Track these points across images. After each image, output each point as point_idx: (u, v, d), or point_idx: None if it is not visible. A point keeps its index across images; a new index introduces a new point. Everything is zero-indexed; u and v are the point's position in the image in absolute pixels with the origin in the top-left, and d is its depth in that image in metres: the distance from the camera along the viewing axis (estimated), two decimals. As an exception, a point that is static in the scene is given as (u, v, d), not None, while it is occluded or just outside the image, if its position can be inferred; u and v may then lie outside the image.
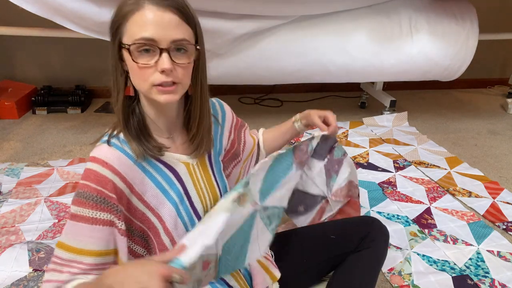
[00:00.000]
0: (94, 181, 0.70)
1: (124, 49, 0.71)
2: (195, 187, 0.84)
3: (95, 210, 0.70)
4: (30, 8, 1.64)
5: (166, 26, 0.69)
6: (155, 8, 0.69)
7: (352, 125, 2.46)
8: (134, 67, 0.71)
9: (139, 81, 0.73)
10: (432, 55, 2.15)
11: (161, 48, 0.69)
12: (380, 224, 0.99)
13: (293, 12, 1.96)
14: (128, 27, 0.70)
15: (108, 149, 0.74)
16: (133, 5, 0.69)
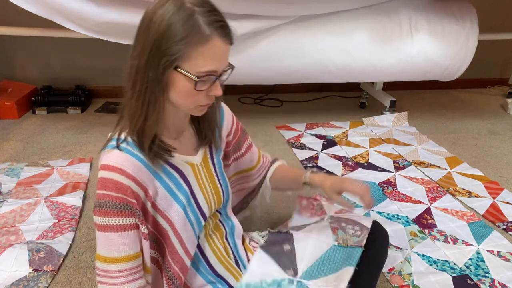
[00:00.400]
0: (114, 190, 0.71)
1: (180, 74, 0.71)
2: (201, 188, 0.86)
3: (121, 217, 0.73)
4: (30, 8, 1.64)
5: (224, 59, 0.74)
6: (222, 41, 0.70)
7: (352, 125, 2.46)
8: (187, 92, 0.73)
9: (186, 102, 0.75)
10: (432, 55, 2.15)
11: (216, 76, 0.73)
12: (380, 226, 0.99)
13: (293, 12, 1.96)
14: (193, 56, 0.69)
15: (120, 155, 0.74)
16: (201, 37, 0.68)
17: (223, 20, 0.71)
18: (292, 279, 0.89)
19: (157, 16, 0.69)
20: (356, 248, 0.92)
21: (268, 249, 0.99)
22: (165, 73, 0.71)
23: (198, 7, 0.69)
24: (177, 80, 0.72)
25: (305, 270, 0.92)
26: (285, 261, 0.95)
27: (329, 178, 0.96)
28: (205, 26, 0.68)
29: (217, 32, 0.69)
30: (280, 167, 1.11)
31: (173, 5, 0.68)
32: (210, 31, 0.68)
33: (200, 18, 0.68)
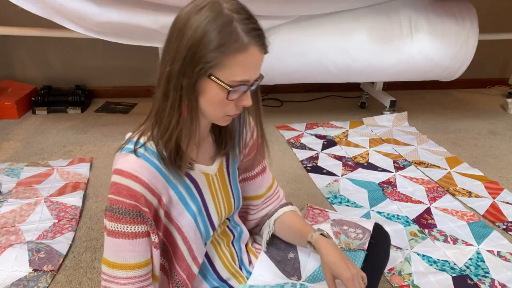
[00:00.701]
0: (127, 196, 0.70)
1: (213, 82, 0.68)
2: (213, 199, 0.85)
3: (133, 225, 0.72)
4: (30, 8, 1.64)
5: (259, 67, 0.71)
6: (259, 51, 0.68)
7: (352, 125, 2.46)
8: (218, 100, 0.70)
9: (215, 111, 0.73)
10: (432, 55, 2.15)
11: (248, 86, 0.70)
12: (382, 228, 0.99)
13: (293, 12, 1.96)
14: (228, 65, 0.66)
15: (137, 161, 0.71)
16: (239, 45, 0.66)
17: (261, 29, 0.69)
18: (295, 282, 0.89)
19: (192, 22, 0.66)
20: (359, 251, 0.91)
21: (272, 254, 0.99)
22: (198, 81, 0.68)
23: (236, 13, 0.66)
24: (209, 88, 0.69)
25: (309, 275, 0.92)
26: (289, 269, 0.95)
27: (334, 255, 0.81)
28: (243, 34, 0.66)
29: (255, 40, 0.67)
30: (292, 214, 0.98)
31: (210, 10, 0.65)
32: (248, 39, 0.66)
33: (238, 26, 0.66)
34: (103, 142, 2.14)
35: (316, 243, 0.84)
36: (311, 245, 0.86)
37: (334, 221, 1.02)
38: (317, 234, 0.86)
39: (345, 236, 0.96)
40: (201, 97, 0.71)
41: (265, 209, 1.00)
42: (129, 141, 0.75)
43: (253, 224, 1.03)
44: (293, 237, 0.96)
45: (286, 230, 0.97)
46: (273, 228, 0.97)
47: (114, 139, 2.19)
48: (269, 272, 0.95)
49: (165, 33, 0.71)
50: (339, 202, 1.66)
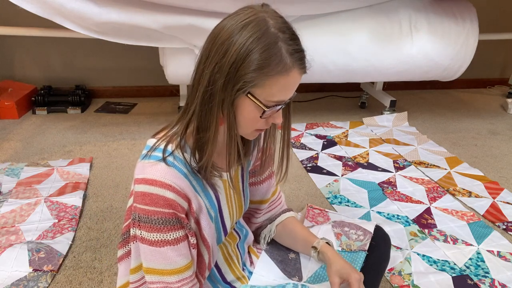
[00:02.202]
0: (164, 206, 0.69)
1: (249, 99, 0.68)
2: (228, 204, 0.85)
3: (174, 231, 0.72)
4: (30, 8, 1.64)
5: (296, 88, 0.71)
6: (298, 73, 0.68)
7: (352, 125, 2.46)
8: (252, 117, 0.70)
9: (246, 126, 0.73)
10: (432, 55, 2.15)
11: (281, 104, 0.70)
12: (383, 230, 0.99)
13: (293, 12, 1.96)
14: (268, 85, 0.66)
15: (169, 170, 0.70)
16: (282, 67, 0.65)
17: (303, 50, 0.69)
18: (296, 283, 0.89)
19: (237, 38, 0.64)
20: (360, 252, 0.91)
21: (273, 254, 0.99)
22: (237, 96, 0.68)
23: (282, 33, 0.66)
24: (245, 105, 0.69)
25: (310, 276, 0.92)
26: (290, 269, 0.95)
27: (341, 260, 0.84)
28: (287, 56, 0.65)
29: (298, 63, 0.67)
30: (293, 219, 1.00)
31: (256, 28, 0.65)
32: (292, 62, 0.66)
33: (283, 47, 0.65)
34: (103, 142, 2.14)
35: (322, 249, 0.88)
36: (315, 250, 0.89)
37: (335, 223, 1.02)
38: (323, 242, 0.89)
39: (346, 237, 0.96)
40: (237, 112, 0.70)
41: (269, 213, 1.01)
42: (156, 148, 0.73)
43: (255, 227, 1.03)
44: (294, 242, 0.97)
45: (287, 235, 0.98)
46: (274, 232, 0.99)
47: (114, 139, 2.19)
48: (270, 272, 0.95)
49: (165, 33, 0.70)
50: (339, 202, 1.66)
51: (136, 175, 0.72)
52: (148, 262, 0.74)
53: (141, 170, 0.72)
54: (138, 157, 0.76)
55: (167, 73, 2.07)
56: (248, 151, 0.88)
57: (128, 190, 1.70)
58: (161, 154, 0.71)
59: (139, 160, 0.74)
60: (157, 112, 2.60)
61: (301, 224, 0.99)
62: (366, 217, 1.56)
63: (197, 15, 1.77)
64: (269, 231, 1.00)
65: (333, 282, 0.81)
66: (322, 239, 0.90)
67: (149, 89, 2.88)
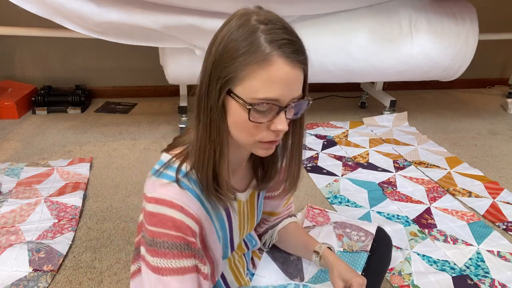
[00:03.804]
0: (173, 228, 0.63)
1: (233, 100, 0.61)
2: (239, 224, 0.82)
3: (181, 259, 0.65)
4: (30, 8, 1.64)
5: (291, 85, 0.60)
6: (285, 64, 0.58)
7: (352, 125, 2.46)
8: (242, 121, 0.61)
9: (243, 136, 0.64)
10: (432, 55, 2.15)
11: (280, 107, 0.61)
12: (384, 232, 0.99)
13: (293, 12, 1.96)
14: (248, 80, 0.58)
15: (181, 192, 0.65)
16: (260, 55, 0.57)
17: (291, 39, 0.60)
18: (298, 284, 0.89)
19: (219, 36, 0.61)
20: (362, 253, 0.91)
21: (275, 255, 0.99)
22: (222, 99, 0.61)
23: (264, 24, 0.59)
24: (232, 107, 0.62)
25: (312, 276, 0.91)
26: (291, 270, 0.95)
27: (343, 264, 0.83)
28: (265, 43, 0.58)
29: (280, 50, 0.58)
30: (295, 224, 0.98)
31: (236, 22, 0.60)
32: (271, 49, 0.57)
33: (262, 36, 0.58)
34: (103, 142, 2.14)
35: (324, 253, 0.86)
36: (317, 255, 0.87)
37: (337, 224, 1.02)
38: (325, 247, 0.88)
39: (347, 238, 0.96)
40: (229, 119, 0.63)
41: (276, 221, 0.99)
42: (169, 166, 0.68)
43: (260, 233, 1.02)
44: (295, 247, 0.96)
45: (288, 240, 0.97)
46: (276, 238, 0.97)
47: (114, 139, 2.19)
48: (271, 273, 0.95)
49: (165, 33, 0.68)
50: (339, 202, 1.66)
51: (147, 192, 0.67)
52: None
53: (152, 188, 0.66)
54: (138, 157, 0.75)
55: (167, 73, 2.07)
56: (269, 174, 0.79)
57: (128, 190, 1.70)
58: (174, 174, 0.66)
59: (150, 174, 0.69)
60: (157, 112, 2.60)
61: (302, 229, 0.98)
62: (366, 217, 1.56)
63: (197, 15, 1.76)
64: (271, 237, 0.98)
65: (337, 286, 0.79)
66: (324, 243, 0.89)
67: (149, 89, 2.88)
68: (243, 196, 0.79)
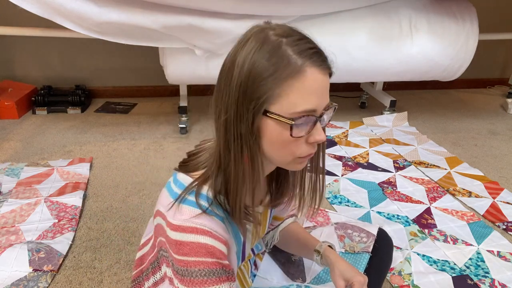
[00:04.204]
0: (206, 255, 0.61)
1: (272, 119, 0.58)
2: (252, 236, 0.81)
3: (219, 284, 0.62)
4: (30, 8, 1.64)
5: (324, 94, 0.59)
6: (317, 72, 0.57)
7: (352, 125, 2.46)
8: (282, 141, 0.59)
9: (281, 153, 0.61)
10: (432, 55, 2.15)
11: (316, 117, 0.59)
12: (386, 233, 0.99)
13: (293, 12, 1.96)
14: (285, 95, 0.56)
15: (209, 219, 0.63)
16: (291, 68, 0.56)
17: (317, 47, 0.59)
18: (299, 285, 0.88)
19: (239, 58, 0.58)
20: (363, 254, 0.91)
21: (276, 256, 0.99)
22: (255, 122, 0.58)
23: (285, 37, 0.57)
24: (269, 127, 0.59)
25: (313, 277, 0.91)
26: (293, 271, 0.94)
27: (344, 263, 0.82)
28: (295, 56, 0.56)
29: (311, 60, 0.57)
30: (296, 224, 0.98)
31: (255, 41, 0.57)
32: (302, 60, 0.56)
33: (288, 48, 0.56)
34: (103, 142, 2.14)
35: (324, 252, 0.85)
36: (318, 253, 0.86)
37: (338, 225, 1.01)
38: (326, 245, 0.87)
39: (349, 239, 0.96)
40: (263, 140, 0.61)
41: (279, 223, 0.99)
42: (189, 190, 0.65)
43: None
44: (296, 247, 0.95)
45: (290, 239, 0.96)
46: (277, 239, 0.96)
47: (114, 139, 2.19)
48: (273, 274, 0.95)
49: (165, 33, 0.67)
50: (339, 202, 1.66)
51: (170, 218, 0.63)
52: None
53: (176, 215, 0.63)
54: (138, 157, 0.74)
55: (167, 73, 2.07)
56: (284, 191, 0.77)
57: (128, 190, 1.70)
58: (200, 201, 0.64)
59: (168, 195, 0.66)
60: (157, 112, 2.60)
61: (303, 229, 0.97)
62: (366, 217, 1.56)
63: (197, 15, 1.77)
64: (272, 237, 0.97)
65: (338, 285, 0.78)
66: (324, 242, 0.88)
67: (149, 89, 2.88)
68: (259, 209, 0.78)
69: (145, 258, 0.78)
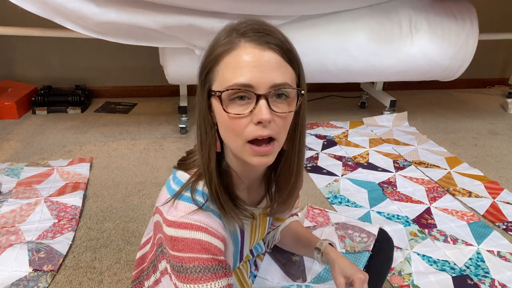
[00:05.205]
0: (202, 251, 0.61)
1: (214, 98, 0.59)
2: (250, 237, 0.81)
3: (215, 281, 0.62)
4: (30, 8, 1.64)
5: (265, 68, 0.57)
6: (252, 46, 0.57)
7: (352, 125, 2.46)
8: (224, 119, 0.59)
9: (230, 136, 0.61)
10: (432, 55, 2.15)
11: (258, 94, 0.57)
12: (386, 234, 0.99)
13: (293, 12, 1.96)
14: (220, 71, 0.58)
15: (205, 214, 0.63)
16: (226, 45, 0.58)
17: (260, 27, 0.59)
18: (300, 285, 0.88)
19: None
20: (363, 252, 0.91)
21: (277, 256, 0.99)
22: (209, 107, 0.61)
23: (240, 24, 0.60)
24: (216, 108, 0.60)
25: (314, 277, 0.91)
26: (294, 271, 0.94)
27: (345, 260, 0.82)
28: (233, 35, 0.58)
29: (244, 36, 0.58)
30: (297, 223, 0.98)
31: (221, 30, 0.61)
32: (235, 36, 0.58)
33: (230, 30, 0.59)
34: (103, 142, 2.14)
35: (325, 249, 0.85)
36: (319, 251, 0.86)
37: (339, 225, 1.01)
38: (326, 243, 0.87)
39: (350, 240, 0.96)
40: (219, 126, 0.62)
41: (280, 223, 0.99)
42: (186, 187, 0.66)
43: None
44: (297, 245, 0.95)
45: (291, 239, 0.96)
46: (278, 238, 0.96)
47: (114, 139, 2.19)
48: (274, 275, 0.95)
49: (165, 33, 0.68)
50: (339, 202, 1.66)
51: (167, 214, 0.64)
52: None
53: (172, 212, 0.63)
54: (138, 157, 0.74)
55: (167, 73, 2.07)
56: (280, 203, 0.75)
57: (128, 190, 1.70)
58: (195, 196, 0.64)
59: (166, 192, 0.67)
60: (157, 112, 2.60)
61: (304, 228, 0.97)
62: (366, 217, 1.56)
63: (197, 15, 1.76)
64: (273, 237, 0.97)
65: (339, 282, 0.78)
66: (325, 240, 0.88)
67: (149, 89, 2.88)
68: (257, 211, 0.78)
69: (146, 257, 0.78)
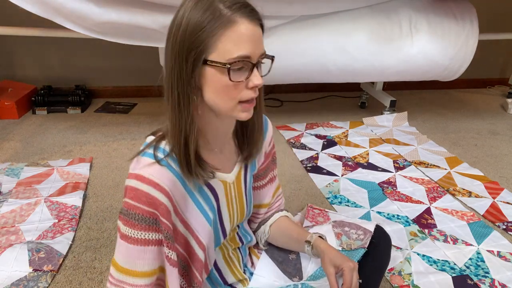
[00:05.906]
0: (146, 203, 0.68)
1: (213, 67, 0.66)
2: (227, 206, 0.84)
3: (147, 231, 0.70)
4: (30, 8, 1.64)
5: (257, 42, 0.67)
6: (247, 22, 0.65)
7: (352, 125, 2.46)
8: (222, 85, 0.67)
9: (223, 99, 0.68)
10: (432, 55, 2.15)
11: (252, 63, 0.67)
12: (383, 231, 0.99)
13: (293, 12, 1.96)
14: (220, 44, 0.64)
15: (158, 169, 0.69)
16: (223, 19, 0.64)
17: (245, 2, 0.66)
18: (296, 283, 0.89)
19: (178, 18, 0.66)
20: (359, 249, 0.92)
21: (273, 254, 0.99)
22: (194, 71, 0.66)
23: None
24: (210, 75, 0.66)
25: (310, 275, 0.92)
26: (290, 269, 0.95)
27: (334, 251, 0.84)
28: (225, 9, 0.64)
29: (240, 12, 0.64)
30: (286, 218, 1.01)
31: (192, 2, 0.65)
32: (232, 12, 0.64)
33: (219, 4, 0.64)
34: (103, 142, 2.14)
35: (315, 242, 0.87)
36: (309, 244, 0.88)
37: (336, 223, 1.02)
38: (316, 236, 0.89)
39: (346, 237, 0.96)
40: (206, 89, 0.68)
41: (267, 214, 1.00)
42: (149, 145, 0.73)
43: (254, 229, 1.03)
44: (288, 240, 0.96)
45: (281, 234, 0.98)
46: (269, 233, 0.98)
47: (114, 139, 2.19)
48: (270, 273, 0.95)
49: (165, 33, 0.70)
50: (339, 202, 1.66)
51: (129, 169, 0.72)
52: (115, 254, 0.73)
53: (134, 166, 0.71)
54: None
55: (167, 73, 2.07)
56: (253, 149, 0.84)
57: (128, 190, 1.70)
58: (152, 151, 0.71)
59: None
60: (157, 112, 2.60)
61: (294, 222, 0.99)
62: (366, 217, 1.56)
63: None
64: (263, 232, 0.99)
65: (328, 272, 0.81)
66: (315, 233, 0.90)
67: (149, 89, 2.88)
68: (229, 177, 0.82)
69: None
